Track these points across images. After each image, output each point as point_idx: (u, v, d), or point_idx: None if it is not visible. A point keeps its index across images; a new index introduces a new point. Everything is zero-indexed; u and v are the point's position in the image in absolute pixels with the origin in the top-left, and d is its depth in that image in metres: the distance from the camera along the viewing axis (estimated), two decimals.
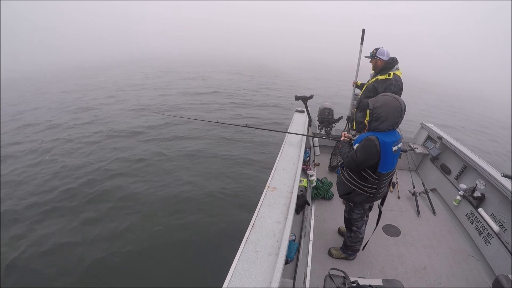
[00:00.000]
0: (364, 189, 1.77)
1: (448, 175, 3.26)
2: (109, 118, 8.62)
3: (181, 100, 11.47)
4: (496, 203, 2.47)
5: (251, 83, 17.16)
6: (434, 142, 3.66)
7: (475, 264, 2.31)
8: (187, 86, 15.06)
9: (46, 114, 9.39)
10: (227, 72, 23.03)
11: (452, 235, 2.66)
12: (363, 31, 3.09)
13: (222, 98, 11.89)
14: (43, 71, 24.03)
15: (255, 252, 1.07)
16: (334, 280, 1.52)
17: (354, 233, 2.09)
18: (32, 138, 7.11)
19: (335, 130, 4.02)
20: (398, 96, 1.66)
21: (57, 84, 16.35)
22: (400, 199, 3.19)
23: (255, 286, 0.93)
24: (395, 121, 1.59)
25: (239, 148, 6.35)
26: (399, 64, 2.56)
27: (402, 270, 2.20)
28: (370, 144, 1.59)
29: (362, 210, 1.99)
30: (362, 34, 3.06)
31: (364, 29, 3.10)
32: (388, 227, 2.69)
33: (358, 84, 3.22)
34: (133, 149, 6.15)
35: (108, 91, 13.49)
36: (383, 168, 1.65)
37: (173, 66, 26.90)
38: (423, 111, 13.29)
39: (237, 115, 9.25)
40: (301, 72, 26.49)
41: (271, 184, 1.57)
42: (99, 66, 26.81)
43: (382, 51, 2.53)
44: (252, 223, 1.24)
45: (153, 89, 13.88)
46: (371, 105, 1.64)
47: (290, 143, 2.21)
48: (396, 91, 2.41)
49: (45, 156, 5.94)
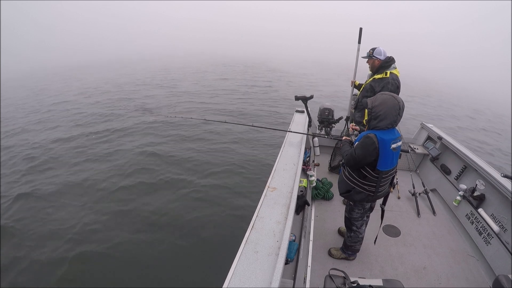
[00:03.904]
0: (364, 187, 1.79)
1: (448, 175, 3.26)
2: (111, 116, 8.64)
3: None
4: (496, 204, 2.47)
5: (250, 83, 17.17)
6: (434, 142, 3.66)
7: (475, 264, 2.31)
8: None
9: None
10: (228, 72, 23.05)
11: (452, 235, 2.66)
12: (360, 30, 3.07)
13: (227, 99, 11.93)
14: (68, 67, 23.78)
15: (255, 252, 1.08)
16: (334, 280, 1.52)
17: (354, 233, 2.09)
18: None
19: (335, 131, 4.02)
20: (396, 95, 1.67)
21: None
22: (400, 199, 3.19)
23: (255, 286, 0.93)
24: (394, 119, 1.62)
25: (245, 148, 6.42)
26: (396, 63, 2.56)
27: (402, 270, 2.20)
28: (368, 142, 1.62)
29: (362, 210, 1.99)
30: (360, 33, 3.05)
31: (361, 28, 3.07)
32: (388, 227, 2.69)
33: (356, 84, 3.22)
34: (132, 150, 6.16)
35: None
36: (382, 165, 1.67)
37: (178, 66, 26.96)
38: (434, 112, 13.21)
39: (242, 114, 9.41)
40: (301, 72, 26.49)
41: (271, 184, 1.58)
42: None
43: (379, 51, 2.54)
44: (252, 223, 1.24)
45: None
46: (370, 104, 1.67)
47: (290, 143, 2.21)
48: (393, 90, 2.41)
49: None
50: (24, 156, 6.04)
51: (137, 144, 6.48)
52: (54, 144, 6.68)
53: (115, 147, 6.36)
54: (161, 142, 6.65)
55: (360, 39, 3.03)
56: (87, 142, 6.70)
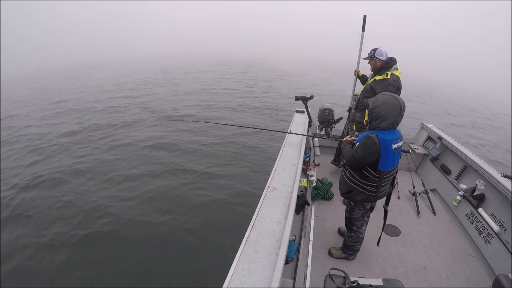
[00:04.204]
0: (365, 188, 1.79)
1: (448, 175, 3.26)
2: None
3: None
4: (496, 203, 2.47)
5: (251, 83, 17.18)
6: (434, 142, 3.66)
7: (475, 264, 2.31)
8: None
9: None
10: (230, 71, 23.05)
11: (452, 235, 2.66)
12: (364, 18, 2.93)
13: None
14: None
15: (255, 252, 1.08)
16: (334, 280, 1.52)
17: (355, 233, 2.10)
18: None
19: (335, 131, 4.02)
20: (397, 95, 1.68)
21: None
22: (400, 199, 3.20)
23: (255, 286, 0.93)
24: (395, 119, 1.62)
25: (243, 148, 6.43)
26: (397, 64, 2.55)
27: (402, 270, 2.20)
28: (369, 142, 1.62)
29: (363, 210, 2.00)
30: (364, 21, 2.92)
31: (365, 15, 2.92)
32: (388, 227, 2.69)
33: (360, 74, 3.07)
34: (134, 147, 6.17)
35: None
36: (383, 165, 1.67)
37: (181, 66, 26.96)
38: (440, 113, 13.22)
39: (242, 117, 9.40)
40: (302, 72, 26.48)
41: (271, 184, 1.58)
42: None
43: (380, 52, 2.51)
44: (252, 223, 1.24)
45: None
46: (371, 105, 1.67)
47: (290, 144, 2.22)
48: (394, 91, 2.40)
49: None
50: (30, 147, 6.51)
51: (139, 138, 6.77)
52: (59, 137, 7.08)
53: (119, 140, 6.66)
54: (160, 142, 6.66)
55: (364, 27, 2.92)
56: (91, 136, 7.11)
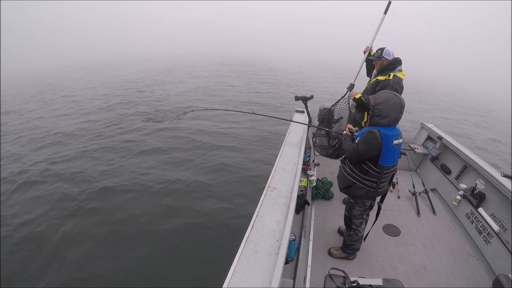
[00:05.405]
0: (365, 183, 1.80)
1: (448, 175, 3.26)
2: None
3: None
4: (496, 203, 2.47)
5: (251, 83, 17.18)
6: (434, 142, 3.66)
7: (475, 263, 2.31)
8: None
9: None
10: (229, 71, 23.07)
11: (452, 235, 2.66)
12: (388, 3, 2.69)
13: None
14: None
15: (255, 252, 1.08)
16: (334, 279, 1.52)
17: (354, 231, 2.10)
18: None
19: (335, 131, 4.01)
20: (398, 94, 1.69)
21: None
22: (400, 199, 3.19)
23: (255, 286, 0.93)
24: (396, 117, 1.66)
25: (243, 143, 6.50)
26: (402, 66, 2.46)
27: (402, 270, 2.20)
28: (371, 136, 1.65)
29: (362, 207, 2.01)
30: (387, 6, 2.68)
31: (390, 1, 2.69)
32: (388, 227, 2.69)
33: (372, 53, 2.69)
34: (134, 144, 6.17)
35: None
36: (383, 160, 1.69)
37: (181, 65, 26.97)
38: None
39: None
40: (301, 72, 26.48)
41: (271, 184, 1.58)
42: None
43: (387, 51, 2.47)
44: (252, 223, 1.24)
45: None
46: (373, 102, 1.70)
47: (290, 143, 2.22)
48: None
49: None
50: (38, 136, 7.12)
51: (139, 134, 7.01)
52: (65, 128, 7.67)
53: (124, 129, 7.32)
54: (160, 144, 6.66)
55: (386, 10, 2.69)
56: (98, 126, 7.70)
